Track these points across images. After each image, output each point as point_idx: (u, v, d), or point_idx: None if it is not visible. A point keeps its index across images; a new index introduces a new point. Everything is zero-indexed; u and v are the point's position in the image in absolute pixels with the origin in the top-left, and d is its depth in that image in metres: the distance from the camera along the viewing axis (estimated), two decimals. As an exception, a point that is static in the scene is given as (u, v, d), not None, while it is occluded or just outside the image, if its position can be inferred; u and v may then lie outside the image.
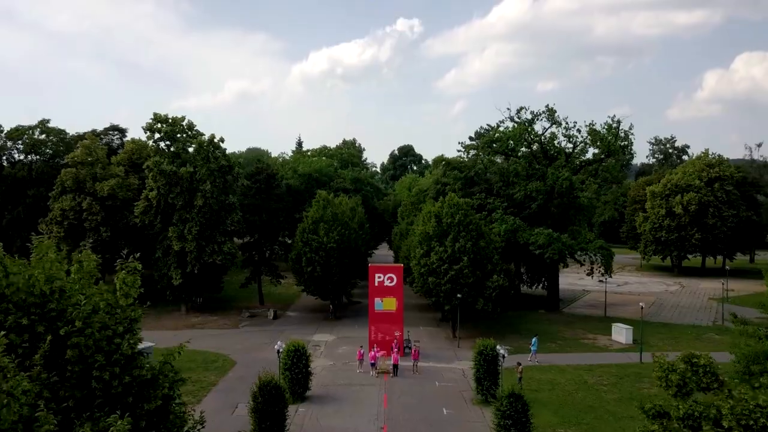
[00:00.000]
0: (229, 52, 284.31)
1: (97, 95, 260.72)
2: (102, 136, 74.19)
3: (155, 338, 47.67)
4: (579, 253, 56.39)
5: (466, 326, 47.84)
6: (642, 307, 43.67)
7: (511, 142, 57.22)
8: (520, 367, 35.71)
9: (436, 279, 45.72)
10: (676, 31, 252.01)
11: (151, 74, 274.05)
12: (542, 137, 58.62)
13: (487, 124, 67.65)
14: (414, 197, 70.15)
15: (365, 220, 71.09)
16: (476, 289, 45.69)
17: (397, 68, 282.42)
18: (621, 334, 46.97)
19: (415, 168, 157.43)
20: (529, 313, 57.98)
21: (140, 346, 35.55)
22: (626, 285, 78.53)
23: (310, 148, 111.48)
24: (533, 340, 42.56)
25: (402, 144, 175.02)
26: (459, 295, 44.69)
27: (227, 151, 59.07)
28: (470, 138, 68.63)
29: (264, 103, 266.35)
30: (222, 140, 56.56)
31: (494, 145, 57.60)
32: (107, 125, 77.08)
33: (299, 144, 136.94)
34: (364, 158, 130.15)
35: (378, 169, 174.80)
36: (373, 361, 38.25)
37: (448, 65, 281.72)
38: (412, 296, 62.45)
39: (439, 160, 62.68)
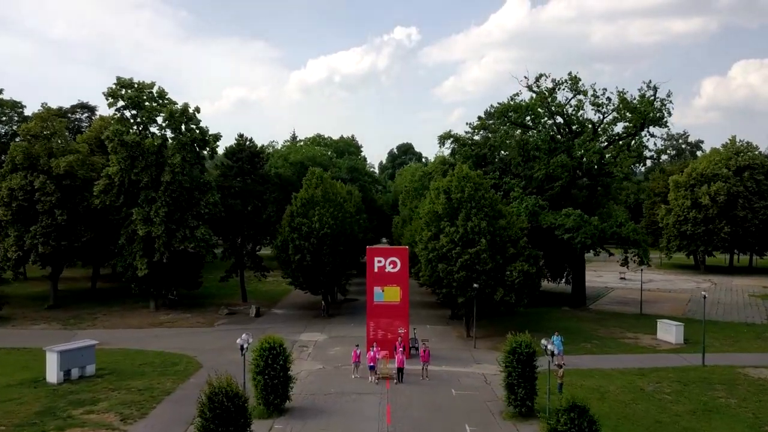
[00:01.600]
0: (227, 59, 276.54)
1: (94, 102, 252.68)
2: (69, 114, 66.41)
3: (110, 337, 40.06)
4: (610, 240, 48.49)
5: (480, 323, 40.06)
6: (705, 297, 35.83)
7: (530, 112, 49.55)
8: (561, 370, 27.97)
9: (447, 266, 37.98)
10: (674, 38, 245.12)
11: (149, 81, 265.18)
12: (564, 109, 50.94)
13: (498, 102, 60.23)
14: (417, 182, 62.44)
15: (363, 209, 63.56)
16: (495, 278, 37.99)
17: (396, 76, 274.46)
18: (669, 332, 39.28)
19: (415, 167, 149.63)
20: (551, 310, 50.25)
21: (77, 343, 27.00)
22: (651, 282, 70.62)
23: (304, 137, 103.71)
24: (554, 338, 34.49)
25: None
26: (475, 285, 36.96)
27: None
28: (479, 118, 60.89)
29: (262, 110, 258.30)
30: (198, 110, 48.95)
31: (510, 114, 49.84)
32: (75, 102, 68.94)
33: (293, 138, 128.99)
34: (362, 155, 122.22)
35: (376, 170, 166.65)
36: (372, 364, 30.37)
37: (447, 73, 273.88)
38: (417, 292, 54.89)
39: (446, 136, 54.86)
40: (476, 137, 57.12)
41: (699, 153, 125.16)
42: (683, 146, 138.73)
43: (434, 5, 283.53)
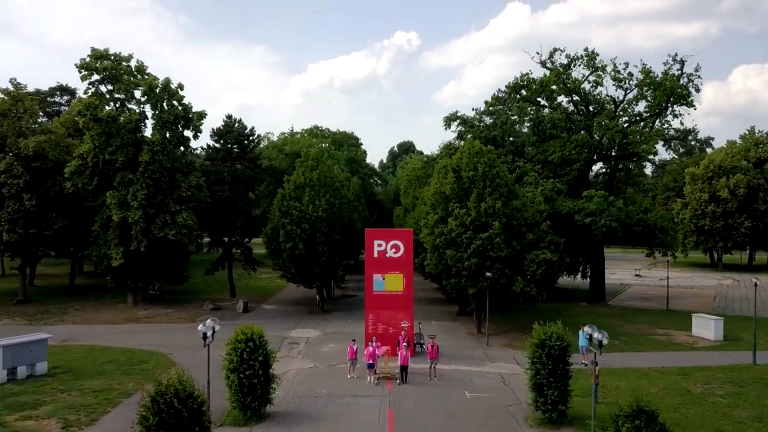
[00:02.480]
0: (227, 64, 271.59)
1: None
2: (48, 98, 62.09)
3: (78, 333, 35.57)
4: (635, 227, 43.89)
5: (491, 319, 35.54)
6: (756, 284, 31.21)
7: (544, 89, 45.23)
8: (597, 368, 23.48)
9: (456, 252, 33.59)
10: (674, 43, 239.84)
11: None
12: (581, 87, 46.60)
13: (505, 87, 55.92)
14: (420, 170, 58.16)
15: (362, 198, 59.29)
16: (512, 266, 33.59)
17: (396, 80, 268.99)
18: (707, 327, 34.86)
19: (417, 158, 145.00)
20: (568, 306, 45.80)
21: (26, 337, 21.95)
22: (670, 279, 65.25)
23: (302, 128, 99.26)
24: (581, 334, 29.89)
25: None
26: (488, 274, 32.55)
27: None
28: (486, 103, 56.54)
29: (262, 114, 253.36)
30: (181, 87, 44.58)
31: (523, 92, 45.50)
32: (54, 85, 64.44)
33: (291, 131, 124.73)
34: (361, 148, 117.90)
35: (376, 168, 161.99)
36: (370, 361, 25.93)
37: (447, 77, 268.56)
38: (421, 288, 50.61)
39: (452, 117, 50.48)
40: (486, 120, 52.94)
41: (709, 150, 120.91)
42: (692, 143, 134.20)
43: (434, 10, 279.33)
